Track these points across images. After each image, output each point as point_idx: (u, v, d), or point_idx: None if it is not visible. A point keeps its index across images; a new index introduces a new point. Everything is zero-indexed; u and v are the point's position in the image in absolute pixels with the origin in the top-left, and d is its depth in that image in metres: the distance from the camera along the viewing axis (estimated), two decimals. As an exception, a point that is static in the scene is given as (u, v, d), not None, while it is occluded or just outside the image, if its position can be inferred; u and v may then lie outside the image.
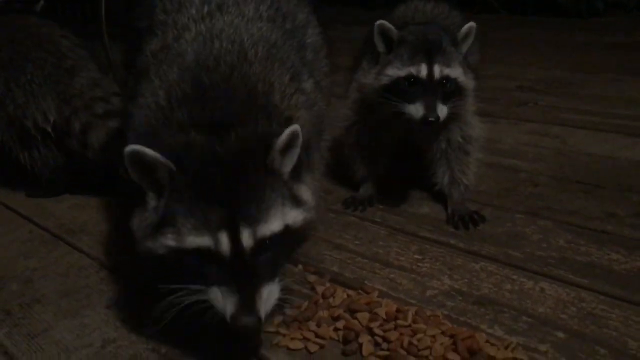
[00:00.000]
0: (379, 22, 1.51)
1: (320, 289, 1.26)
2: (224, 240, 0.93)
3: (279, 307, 1.07)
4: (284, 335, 1.12)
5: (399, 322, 1.12)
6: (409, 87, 1.47)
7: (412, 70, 1.47)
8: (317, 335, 1.11)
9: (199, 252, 0.94)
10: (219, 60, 1.10)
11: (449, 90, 1.49)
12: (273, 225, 0.97)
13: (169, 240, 0.96)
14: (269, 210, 0.97)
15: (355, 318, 1.15)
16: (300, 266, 1.38)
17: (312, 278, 1.32)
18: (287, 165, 1.02)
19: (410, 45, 1.50)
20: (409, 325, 1.11)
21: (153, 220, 1.00)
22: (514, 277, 1.31)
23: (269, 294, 0.96)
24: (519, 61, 3.62)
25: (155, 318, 1.02)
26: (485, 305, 1.21)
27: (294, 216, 1.01)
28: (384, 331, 1.10)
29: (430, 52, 1.48)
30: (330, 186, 1.81)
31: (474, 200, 1.69)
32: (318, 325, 1.14)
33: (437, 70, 1.47)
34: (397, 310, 1.16)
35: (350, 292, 1.25)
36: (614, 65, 3.33)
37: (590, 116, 2.43)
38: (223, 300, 0.95)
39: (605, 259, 1.35)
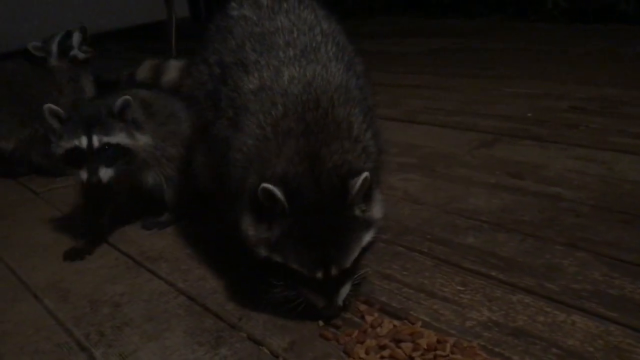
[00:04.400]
0: (47, 105, 1.85)
1: (369, 318, 1.42)
2: (319, 274, 1.32)
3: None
4: (336, 363, 1.28)
5: (438, 352, 1.26)
6: (77, 156, 1.83)
7: (76, 142, 1.82)
8: (366, 363, 1.27)
9: (299, 272, 1.33)
10: (317, 104, 1.37)
11: (113, 154, 1.85)
12: (353, 255, 1.34)
13: (278, 258, 1.33)
14: (351, 248, 1.33)
15: (400, 347, 1.30)
16: (352, 296, 1.54)
17: (362, 307, 1.48)
18: (361, 197, 1.32)
19: (74, 121, 1.85)
20: (447, 355, 1.25)
21: (267, 237, 1.34)
22: (548, 309, 1.42)
23: (345, 289, 1.37)
24: (573, 78, 3.65)
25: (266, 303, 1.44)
26: (519, 337, 1.33)
27: (367, 238, 1.36)
28: (425, 360, 1.25)
29: (89, 125, 1.82)
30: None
31: (517, 230, 1.80)
32: (367, 353, 1.29)
33: (95, 140, 1.82)
34: (437, 341, 1.30)
35: (396, 322, 1.40)
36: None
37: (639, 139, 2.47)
38: (315, 299, 1.36)
39: (637, 293, 1.45)
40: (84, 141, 1.81)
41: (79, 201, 2.16)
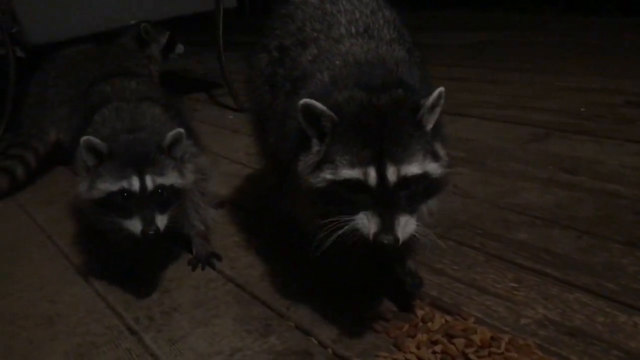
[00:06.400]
0: (85, 138, 1.50)
1: (420, 313, 1.39)
2: (372, 174, 1.13)
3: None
4: (386, 357, 1.26)
5: (493, 349, 1.23)
6: (124, 202, 1.49)
7: (124, 184, 1.49)
8: (417, 357, 1.24)
9: (350, 182, 1.14)
10: (379, 59, 1.32)
11: (166, 198, 1.53)
12: (414, 168, 1.15)
13: (327, 174, 1.17)
14: (412, 156, 1.15)
15: (452, 343, 1.26)
16: (401, 289, 1.51)
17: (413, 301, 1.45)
18: (431, 122, 1.21)
19: (119, 157, 1.51)
20: (502, 353, 1.22)
21: (315, 160, 1.20)
22: (608, 309, 1.37)
23: (407, 222, 1.14)
24: (628, 72, 3.52)
25: (313, 250, 1.22)
26: (577, 337, 1.28)
27: (432, 167, 1.19)
28: (479, 357, 1.21)
29: (140, 164, 1.50)
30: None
31: (572, 227, 1.74)
32: (418, 348, 1.27)
33: (149, 181, 1.50)
34: (492, 338, 1.26)
35: (448, 317, 1.37)
36: None
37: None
38: (367, 223, 1.13)
39: (703, 296, 1.38)
40: (135, 183, 1.49)
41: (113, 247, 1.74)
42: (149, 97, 1.84)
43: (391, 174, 1.13)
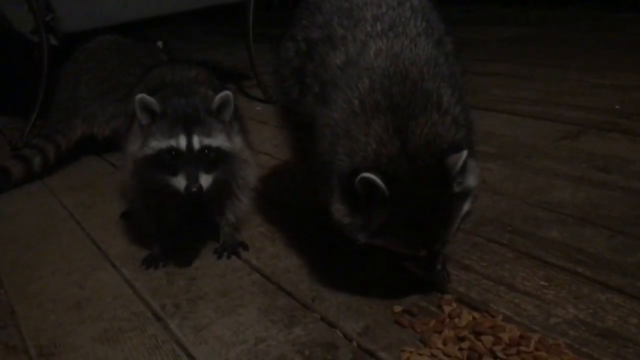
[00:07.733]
0: (140, 96, 1.56)
1: (447, 308, 1.37)
2: (423, 252, 1.37)
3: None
4: (412, 352, 1.24)
5: (522, 348, 1.20)
6: (172, 160, 1.53)
7: (173, 142, 1.53)
8: (444, 353, 1.22)
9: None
10: (405, 76, 1.34)
11: (213, 159, 1.57)
12: (454, 229, 1.35)
13: (380, 242, 1.35)
14: (453, 224, 1.33)
15: (480, 340, 1.24)
16: (428, 284, 1.50)
17: (440, 296, 1.43)
18: (458, 170, 1.27)
19: (170, 118, 1.56)
20: (531, 352, 1.19)
21: (364, 223, 1.32)
22: (642, 311, 1.33)
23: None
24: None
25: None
26: (609, 338, 1.25)
27: (466, 208, 1.35)
28: (507, 355, 1.19)
29: (188, 124, 1.55)
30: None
31: (605, 226, 1.70)
32: (444, 344, 1.25)
33: (196, 141, 1.54)
34: (521, 336, 1.24)
35: (476, 314, 1.35)
36: None
37: None
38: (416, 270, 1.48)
39: None
40: (182, 142, 1.53)
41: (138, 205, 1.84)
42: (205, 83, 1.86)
43: (437, 246, 1.37)
